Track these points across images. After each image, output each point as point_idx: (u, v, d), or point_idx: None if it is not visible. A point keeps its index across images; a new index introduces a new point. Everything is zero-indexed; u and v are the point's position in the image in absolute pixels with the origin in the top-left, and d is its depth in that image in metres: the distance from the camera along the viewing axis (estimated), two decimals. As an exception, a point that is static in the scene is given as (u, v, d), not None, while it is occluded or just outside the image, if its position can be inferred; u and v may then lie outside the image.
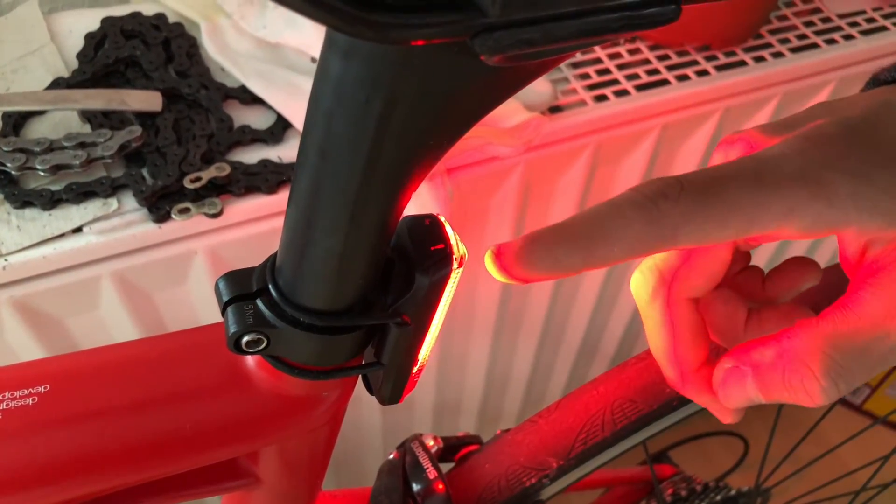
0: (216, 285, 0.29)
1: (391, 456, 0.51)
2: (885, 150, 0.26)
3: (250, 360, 0.31)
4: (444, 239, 0.29)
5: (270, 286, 0.28)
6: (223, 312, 0.29)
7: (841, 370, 0.26)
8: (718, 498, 0.89)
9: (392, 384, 0.32)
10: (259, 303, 0.28)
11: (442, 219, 0.30)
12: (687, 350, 0.31)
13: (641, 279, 0.31)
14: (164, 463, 0.31)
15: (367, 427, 0.91)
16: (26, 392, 0.29)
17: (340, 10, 0.16)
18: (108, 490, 0.31)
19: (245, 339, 0.28)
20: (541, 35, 0.19)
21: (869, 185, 0.25)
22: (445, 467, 0.50)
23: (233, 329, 0.28)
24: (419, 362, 0.32)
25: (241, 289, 0.29)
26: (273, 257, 0.29)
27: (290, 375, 0.29)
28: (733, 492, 0.89)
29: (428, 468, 0.48)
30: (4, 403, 0.29)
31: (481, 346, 0.89)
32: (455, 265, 0.29)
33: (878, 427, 1.39)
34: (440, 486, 0.47)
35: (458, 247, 0.29)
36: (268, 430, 0.32)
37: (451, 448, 0.53)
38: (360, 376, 0.34)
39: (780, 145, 0.26)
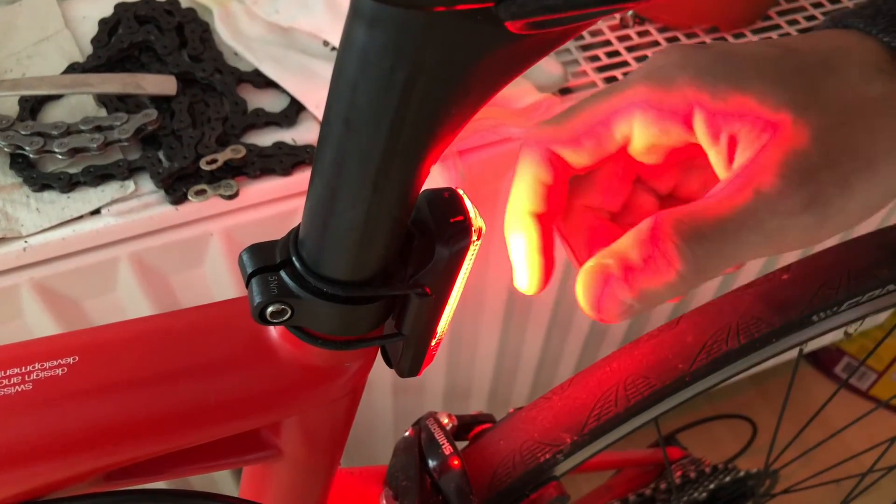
0: (240, 258, 0.30)
1: (407, 433, 0.51)
2: (740, 53, 0.29)
3: (274, 332, 0.32)
4: (464, 211, 0.29)
5: (294, 258, 0.29)
6: (248, 284, 0.29)
7: (692, 230, 0.26)
8: (727, 479, 0.89)
9: (411, 356, 0.33)
10: (283, 274, 0.29)
11: (460, 192, 0.30)
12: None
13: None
14: (189, 433, 0.31)
15: (379, 409, 0.92)
16: (56, 363, 0.30)
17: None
18: (133, 460, 0.32)
19: (270, 309, 0.28)
20: (562, 1, 0.20)
21: (707, 73, 0.28)
22: (460, 445, 0.51)
23: (258, 300, 0.28)
24: (438, 334, 0.33)
25: (265, 261, 0.29)
26: (296, 230, 0.29)
27: (313, 346, 0.30)
28: (742, 473, 0.89)
29: (444, 444, 0.49)
30: (35, 374, 0.30)
31: (491, 329, 0.89)
32: (474, 237, 0.29)
33: (883, 411, 1.40)
34: (456, 462, 0.48)
35: (477, 219, 0.30)
36: (291, 401, 0.32)
37: (465, 426, 0.53)
38: (379, 351, 0.34)
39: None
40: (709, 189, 0.32)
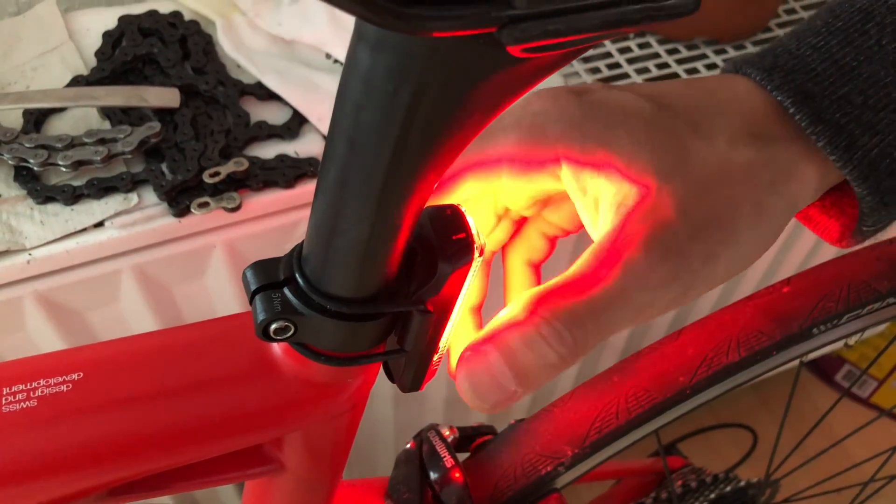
0: (244, 275, 0.30)
1: (408, 445, 0.51)
2: (614, 105, 0.28)
3: (277, 348, 0.32)
4: (466, 228, 0.29)
5: (297, 275, 0.29)
6: (251, 301, 0.29)
7: (569, 316, 0.26)
8: (728, 489, 0.89)
9: (414, 371, 0.33)
10: (286, 291, 0.29)
11: (463, 208, 0.31)
12: None
13: None
14: (193, 448, 0.32)
15: (380, 421, 0.92)
16: (61, 379, 0.30)
17: (371, 2, 0.17)
18: (137, 475, 0.32)
19: (273, 326, 0.28)
20: (565, 26, 0.20)
21: (577, 129, 0.28)
22: (461, 457, 0.51)
23: (261, 317, 0.28)
24: (440, 350, 0.33)
25: (268, 278, 0.29)
26: (299, 247, 0.29)
27: (316, 362, 0.30)
28: (742, 483, 0.89)
29: (445, 457, 0.49)
30: (40, 390, 0.30)
31: (493, 340, 0.89)
32: (476, 254, 0.30)
33: (884, 420, 1.40)
34: (457, 475, 0.48)
35: (479, 236, 0.30)
36: (294, 416, 0.32)
37: (467, 438, 0.54)
38: (381, 366, 0.35)
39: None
40: (571, 218, 0.33)
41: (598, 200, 0.28)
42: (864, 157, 0.27)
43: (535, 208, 0.34)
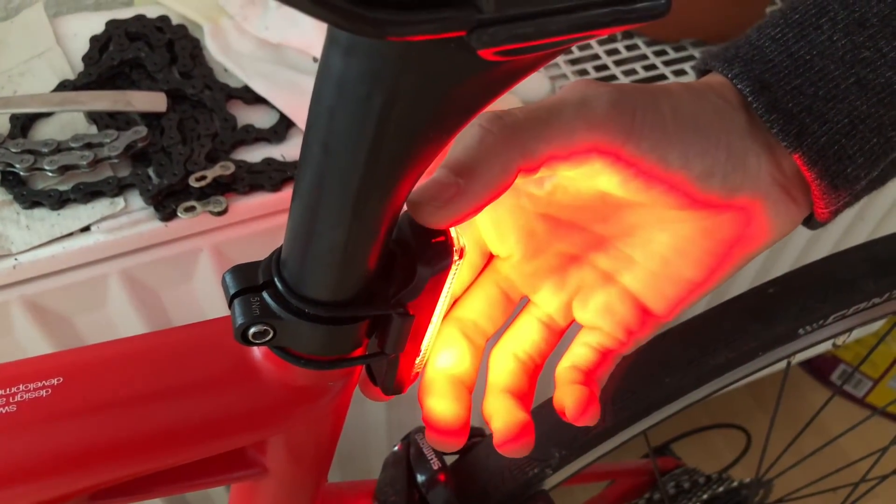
0: (223, 279, 0.30)
1: (396, 448, 0.51)
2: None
3: (257, 352, 0.32)
4: (445, 231, 0.29)
5: (276, 279, 0.29)
6: (230, 305, 0.29)
7: None
8: (721, 489, 0.90)
9: (395, 374, 0.33)
10: (265, 295, 0.29)
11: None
12: None
13: None
14: (174, 452, 0.32)
15: (372, 423, 0.92)
16: (40, 384, 0.30)
17: (341, 8, 0.17)
18: (119, 479, 0.32)
19: (252, 330, 0.28)
20: (534, 30, 0.20)
21: (622, 94, 0.28)
22: (449, 459, 0.51)
23: (240, 321, 0.28)
24: (422, 353, 0.33)
25: (247, 282, 0.29)
26: (278, 251, 0.29)
27: (296, 366, 0.30)
28: (735, 483, 0.89)
29: (432, 459, 0.49)
30: (19, 395, 0.30)
31: (484, 342, 0.89)
32: (455, 257, 0.30)
33: (881, 420, 1.40)
34: (444, 477, 0.48)
35: (459, 239, 0.30)
36: (275, 420, 0.32)
37: (455, 440, 0.53)
38: (364, 368, 0.35)
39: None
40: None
41: None
42: (814, 144, 0.29)
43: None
